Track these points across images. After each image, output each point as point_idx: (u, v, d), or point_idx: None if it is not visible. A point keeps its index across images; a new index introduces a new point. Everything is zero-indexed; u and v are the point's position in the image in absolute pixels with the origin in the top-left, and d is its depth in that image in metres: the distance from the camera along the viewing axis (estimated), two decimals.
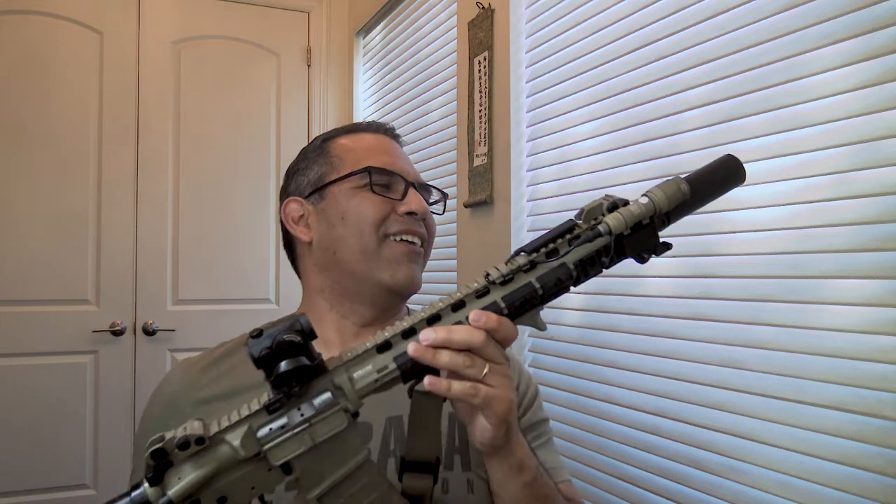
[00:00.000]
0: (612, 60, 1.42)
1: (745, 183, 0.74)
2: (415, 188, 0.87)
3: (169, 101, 2.63)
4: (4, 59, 2.42)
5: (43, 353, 2.43)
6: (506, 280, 0.61)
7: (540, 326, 0.64)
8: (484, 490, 0.78)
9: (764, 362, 1.08)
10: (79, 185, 2.50)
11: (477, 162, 1.86)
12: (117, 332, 2.50)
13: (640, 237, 0.62)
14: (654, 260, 0.64)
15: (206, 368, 0.86)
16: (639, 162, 1.35)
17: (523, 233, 1.72)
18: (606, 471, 1.40)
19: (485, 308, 0.60)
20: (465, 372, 0.59)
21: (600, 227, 0.60)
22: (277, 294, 2.74)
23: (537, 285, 0.61)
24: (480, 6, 1.84)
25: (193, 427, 0.55)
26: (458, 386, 0.58)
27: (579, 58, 1.52)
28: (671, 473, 1.24)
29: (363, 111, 2.85)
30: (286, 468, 0.57)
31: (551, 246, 0.61)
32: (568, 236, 0.62)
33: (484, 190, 1.81)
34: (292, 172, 0.92)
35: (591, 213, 0.62)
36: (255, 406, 0.57)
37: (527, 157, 1.72)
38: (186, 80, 2.66)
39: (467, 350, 0.59)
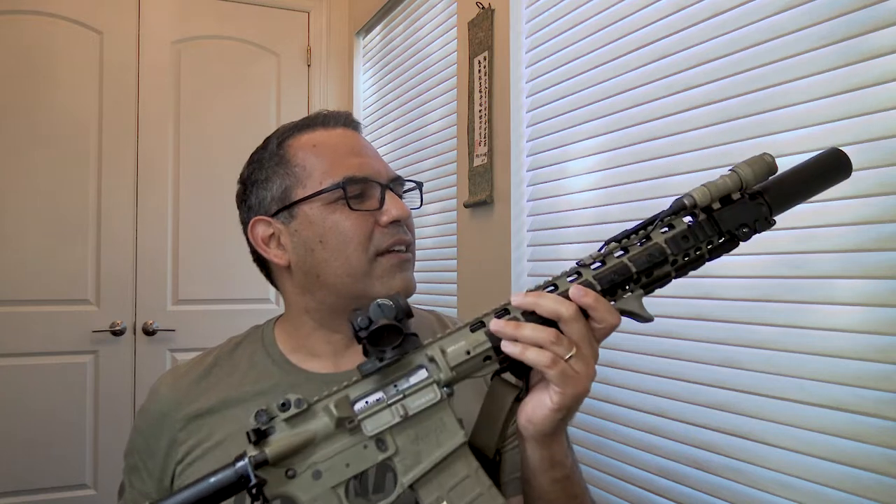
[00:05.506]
0: (611, 60, 1.42)
1: None
2: (390, 189, 0.79)
3: (169, 101, 2.63)
4: (4, 58, 2.42)
5: (43, 353, 2.43)
6: (597, 262, 0.61)
7: (645, 315, 0.61)
8: None
9: (764, 362, 1.08)
10: (79, 185, 2.50)
11: (477, 162, 1.86)
12: (117, 332, 2.50)
13: (734, 212, 0.61)
14: None
15: (196, 382, 0.83)
16: (639, 162, 1.35)
17: (523, 233, 1.72)
18: (606, 471, 1.40)
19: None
20: (549, 348, 0.56)
21: (685, 200, 0.60)
22: (277, 294, 2.73)
23: (629, 263, 0.60)
24: (480, 6, 1.84)
25: (294, 394, 0.58)
26: (533, 353, 0.56)
27: (579, 58, 1.52)
28: (671, 473, 1.24)
29: (363, 111, 2.84)
30: (381, 444, 0.57)
31: (642, 233, 0.61)
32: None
33: (484, 190, 1.81)
34: (250, 183, 0.83)
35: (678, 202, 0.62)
36: (354, 377, 0.59)
37: (527, 157, 1.72)
38: (186, 80, 2.66)
39: (555, 327, 0.57)
